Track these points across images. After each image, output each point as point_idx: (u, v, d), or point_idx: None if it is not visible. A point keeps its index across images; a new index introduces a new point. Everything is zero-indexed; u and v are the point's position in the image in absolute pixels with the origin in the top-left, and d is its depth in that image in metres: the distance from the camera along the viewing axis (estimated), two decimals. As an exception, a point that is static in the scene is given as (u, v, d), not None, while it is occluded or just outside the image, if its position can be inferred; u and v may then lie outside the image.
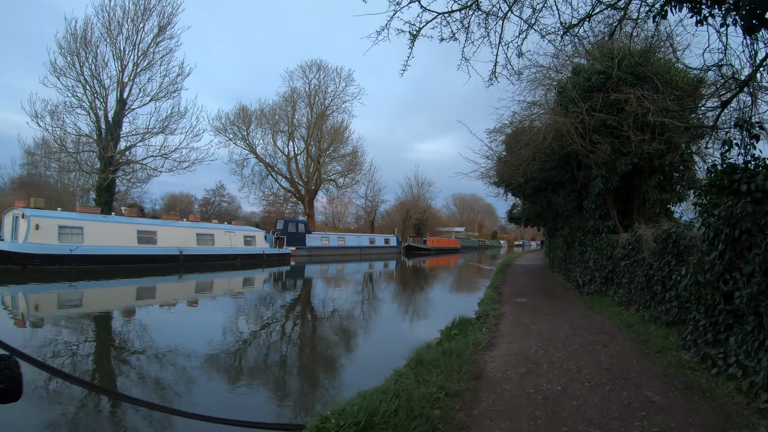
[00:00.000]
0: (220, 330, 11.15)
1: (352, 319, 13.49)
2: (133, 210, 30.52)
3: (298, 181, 59.53)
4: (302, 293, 20.28)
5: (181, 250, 28.17)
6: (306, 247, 43.18)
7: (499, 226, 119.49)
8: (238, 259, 31.81)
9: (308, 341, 11.28)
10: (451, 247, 73.92)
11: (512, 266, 29.04)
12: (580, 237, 14.08)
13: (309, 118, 59.25)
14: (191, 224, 30.54)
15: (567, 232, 16.48)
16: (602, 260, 11.80)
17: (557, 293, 14.44)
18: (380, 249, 53.97)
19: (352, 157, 61.45)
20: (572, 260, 15.89)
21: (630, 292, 9.99)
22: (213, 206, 65.15)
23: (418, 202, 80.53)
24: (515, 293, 14.47)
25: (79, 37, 30.74)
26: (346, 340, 10.97)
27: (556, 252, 21.69)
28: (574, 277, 15.07)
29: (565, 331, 8.37)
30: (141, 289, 20.04)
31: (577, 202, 14.62)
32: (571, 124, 12.09)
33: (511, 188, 22.76)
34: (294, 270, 32.84)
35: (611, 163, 12.03)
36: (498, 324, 9.12)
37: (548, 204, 20.83)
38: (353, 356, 9.69)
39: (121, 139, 32.87)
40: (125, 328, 11.74)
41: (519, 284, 17.38)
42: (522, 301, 12.55)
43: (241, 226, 34.71)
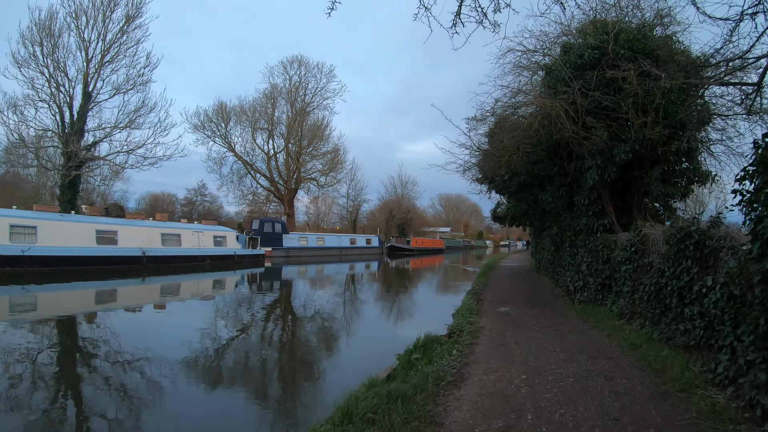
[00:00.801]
0: (182, 337, 10.03)
1: (313, 329, 11.69)
2: (95, 209, 28.50)
3: (278, 180, 57.54)
4: (270, 297, 18.38)
5: (144, 251, 26.30)
6: (283, 248, 41.21)
7: (485, 227, 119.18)
8: (207, 261, 29.82)
9: (272, 351, 9.84)
10: (435, 248, 72.37)
11: (496, 268, 27.40)
12: (570, 237, 12.41)
13: (289, 115, 57.32)
14: (156, 224, 28.51)
15: (555, 231, 14.84)
16: (597, 264, 10.11)
17: (545, 301, 12.76)
18: (361, 249, 52.12)
19: (334, 155, 59.66)
20: (561, 263, 14.23)
21: (633, 303, 8.31)
22: (195, 206, 62.82)
23: (402, 201, 78.96)
24: (497, 300, 12.77)
25: (43, 26, 28.68)
26: (304, 353, 9.17)
27: (543, 253, 20.06)
28: (563, 281, 13.40)
29: (557, 355, 6.63)
30: (99, 293, 18.53)
31: (567, 198, 12.96)
32: (561, 107, 10.41)
33: (495, 185, 21.26)
34: (268, 272, 30.96)
35: (608, 151, 10.36)
36: (473, 344, 7.36)
37: (534, 201, 19.30)
38: (306, 372, 7.90)
39: (86, 133, 30.98)
40: (84, 335, 10.89)
41: (502, 289, 15.69)
42: (504, 311, 10.84)
43: (211, 225, 32.63)
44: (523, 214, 24.92)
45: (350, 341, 11.02)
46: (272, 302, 16.97)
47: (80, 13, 29.61)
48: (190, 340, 9.83)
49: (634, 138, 9.94)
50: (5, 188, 41.18)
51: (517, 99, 13.14)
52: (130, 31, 31.28)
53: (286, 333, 11.74)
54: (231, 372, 8.23)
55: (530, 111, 12.88)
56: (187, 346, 9.32)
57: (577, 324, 9.07)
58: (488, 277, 20.70)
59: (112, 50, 30.66)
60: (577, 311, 10.39)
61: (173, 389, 6.92)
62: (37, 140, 30.28)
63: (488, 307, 11.45)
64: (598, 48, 10.58)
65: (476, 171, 23.71)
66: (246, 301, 17.14)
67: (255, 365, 8.71)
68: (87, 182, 35.44)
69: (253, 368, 8.53)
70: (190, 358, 8.69)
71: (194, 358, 8.69)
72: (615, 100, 10.19)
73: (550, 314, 10.35)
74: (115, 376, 7.49)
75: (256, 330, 11.77)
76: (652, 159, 10.57)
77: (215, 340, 10.36)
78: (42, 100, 29.20)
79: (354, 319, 13.73)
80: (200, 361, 8.59)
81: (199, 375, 7.85)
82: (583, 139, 10.51)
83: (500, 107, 13.23)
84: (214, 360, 8.78)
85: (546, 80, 12.02)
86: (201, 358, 8.80)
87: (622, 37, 10.42)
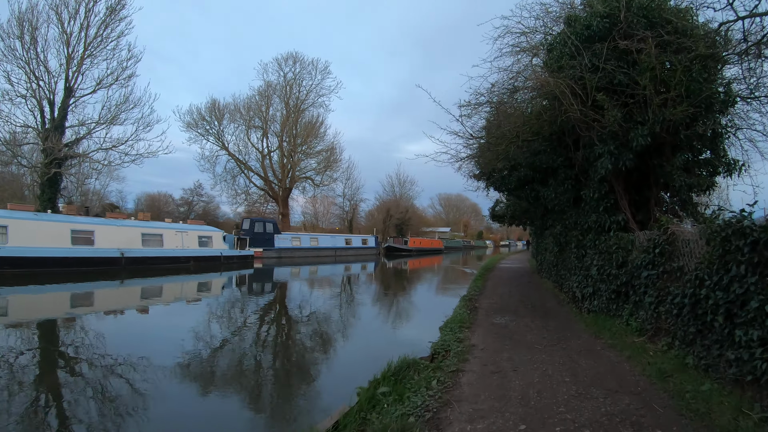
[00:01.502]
0: (161, 344, 9.37)
1: (295, 335, 10.17)
2: (72, 208, 27.02)
3: (272, 179, 56.09)
4: (253, 301, 16.88)
5: (123, 252, 24.87)
6: (275, 249, 39.71)
7: (485, 226, 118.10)
8: (191, 262, 28.36)
9: (250, 358, 8.77)
10: (433, 248, 70.82)
11: (495, 269, 25.87)
12: (577, 236, 10.86)
13: (283, 112, 55.84)
14: (135, 223, 27.01)
15: (559, 230, 13.34)
16: (610, 268, 8.58)
17: (549, 309, 11.24)
18: (357, 250, 50.59)
19: (329, 153, 58.13)
20: (566, 266, 12.70)
21: (657, 317, 6.79)
22: (192, 206, 61.39)
23: (400, 201, 77.47)
24: (494, 309, 11.25)
25: (23, 19, 27.35)
26: (284, 361, 7.68)
27: (545, 254, 18.54)
28: (569, 287, 11.86)
29: (566, 388, 5.12)
30: (73, 296, 17.20)
31: (573, 193, 11.45)
32: (566, 84, 8.91)
33: (493, 181, 19.79)
34: (256, 273, 29.46)
35: (622, 135, 8.84)
36: (459, 371, 5.83)
37: (536, 198, 17.86)
38: (285, 382, 6.42)
39: (66, 130, 29.72)
40: (59, 340, 9.98)
41: (500, 294, 14.16)
42: (501, 322, 9.32)
43: (196, 225, 31.12)
44: (523, 212, 23.41)
45: (329, 352, 9.51)
46: (254, 306, 15.44)
47: (62, 6, 28.40)
48: (169, 346, 8.88)
49: (653, 119, 8.44)
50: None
51: (516, 82, 11.60)
52: (112, 23, 30.05)
53: (266, 340, 10.25)
54: (206, 380, 7.02)
55: (530, 95, 11.40)
56: (166, 353, 8.35)
57: (589, 341, 7.56)
58: (485, 279, 19.18)
59: (94, 43, 29.46)
60: (587, 323, 8.87)
61: (153, 398, 6.17)
62: (13, 137, 28.81)
63: (483, 318, 9.94)
64: (609, 16, 9.08)
65: (473, 166, 22.22)
66: (227, 305, 15.64)
67: (230, 373, 7.25)
68: (70, 180, 33.86)
69: (227, 377, 7.11)
70: (169, 365, 7.67)
71: (174, 365, 7.69)
72: (630, 75, 8.69)
73: (555, 327, 8.84)
74: (96, 383, 6.79)
75: (235, 336, 10.33)
76: (673, 144, 9.07)
77: (195, 346, 9.06)
78: (20, 95, 27.97)
79: (335, 327, 12.20)
80: (177, 368, 7.55)
81: (174, 384, 6.74)
82: (593, 122, 8.99)
83: (497, 91, 11.71)
84: (193, 366, 7.41)
85: (548, 59, 10.51)
86: (180, 365, 7.73)
87: (635, 3, 8.93)
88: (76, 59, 28.98)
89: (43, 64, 28.19)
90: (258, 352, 9.30)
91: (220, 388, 6.77)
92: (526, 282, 18.33)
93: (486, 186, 21.14)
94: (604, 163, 8.99)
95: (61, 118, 29.02)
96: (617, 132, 8.74)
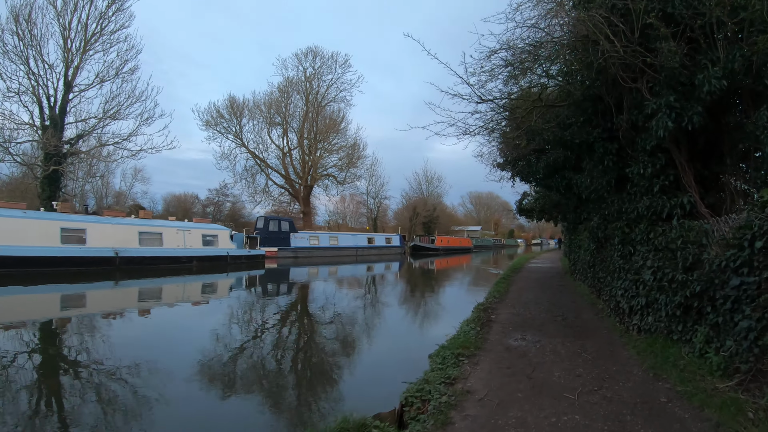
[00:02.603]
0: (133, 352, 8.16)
1: (284, 348, 8.02)
2: (67, 205, 25.67)
3: (294, 177, 54.49)
4: (247, 306, 14.88)
5: (117, 252, 23.39)
6: (291, 248, 37.85)
7: (517, 225, 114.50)
8: (193, 262, 26.69)
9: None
10: (462, 247, 67.85)
11: (523, 270, 23.09)
12: (621, 229, 8.16)
13: (304, 108, 54.13)
14: (132, 221, 25.49)
15: (596, 223, 10.71)
16: (674, 271, 5.95)
17: (584, 324, 8.64)
18: (380, 249, 48.29)
19: (352, 150, 56.11)
20: (606, 267, 10.01)
21: (762, 354, 4.23)
22: (218, 206, 60.60)
23: (428, 199, 74.93)
24: (514, 323, 8.74)
25: (20, 13, 26.36)
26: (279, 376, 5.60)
27: (578, 253, 15.79)
28: (611, 294, 9.15)
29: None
30: (53, 298, 16.01)
31: (614, 172, 8.81)
32: (603, 19, 6.36)
33: (519, 170, 17.26)
34: (267, 275, 27.61)
35: (686, 79, 6.24)
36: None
37: (567, 187, 15.25)
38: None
39: (66, 126, 28.69)
40: (48, 343, 9.19)
41: (525, 302, 11.57)
42: (521, 346, 6.83)
43: (201, 223, 29.50)
44: (553, 205, 20.62)
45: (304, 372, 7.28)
46: (244, 312, 13.37)
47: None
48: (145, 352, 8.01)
49: (727, 58, 5.84)
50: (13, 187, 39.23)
51: (539, 35, 9.01)
52: (111, 16, 28.80)
53: (254, 354, 8.15)
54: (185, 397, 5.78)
55: (556, 49, 8.85)
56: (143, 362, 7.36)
57: (645, 384, 5.00)
58: (510, 282, 16.56)
59: (94, 36, 28.26)
60: (639, 349, 6.27)
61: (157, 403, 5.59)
62: (10, 133, 27.91)
63: (497, 337, 7.46)
64: None
65: (495, 152, 19.78)
66: (222, 310, 13.70)
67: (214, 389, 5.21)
68: (71, 179, 32.98)
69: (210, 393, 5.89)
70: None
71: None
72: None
73: (593, 353, 6.29)
74: (93, 387, 6.31)
75: (220, 346, 8.43)
76: (755, 93, 6.39)
77: (175, 356, 8.04)
78: (16, 92, 26.98)
79: (316, 342, 9.94)
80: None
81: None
82: (643, 66, 6.42)
83: (515, 44, 9.18)
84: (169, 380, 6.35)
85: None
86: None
87: None
88: (75, 53, 27.90)
89: (40, 59, 27.22)
90: (236, 365, 7.12)
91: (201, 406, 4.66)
92: (557, 285, 15.62)
93: (511, 176, 18.56)
94: (662, 121, 6.35)
95: (60, 114, 28.05)
96: (677, 76, 6.13)
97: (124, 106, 29.10)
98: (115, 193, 56.53)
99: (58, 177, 28.56)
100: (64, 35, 27.55)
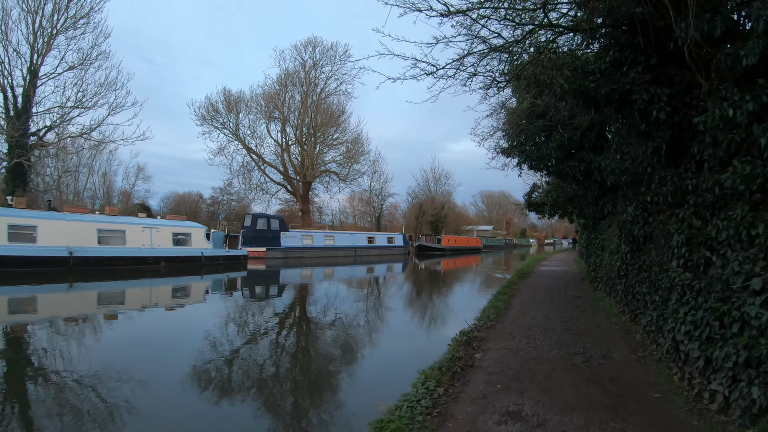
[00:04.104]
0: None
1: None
2: (23, 200, 23.02)
3: (293, 175, 51.59)
4: (203, 317, 12.02)
5: (72, 251, 20.79)
6: (281, 248, 34.91)
7: (529, 224, 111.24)
8: (161, 263, 23.86)
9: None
10: (470, 247, 64.46)
11: (533, 274, 19.75)
12: (687, 221, 4.88)
13: (302, 101, 51.12)
14: (90, 218, 22.78)
15: (632, 215, 7.52)
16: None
17: (618, 376, 5.35)
18: (381, 250, 45.17)
19: (353, 144, 53.05)
20: (650, 281, 6.71)
21: None
22: (221, 205, 58.10)
23: (435, 197, 71.74)
24: (506, 370, 5.58)
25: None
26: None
27: (600, 256, 12.48)
28: (661, 328, 5.88)
29: None
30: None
31: (666, 132, 5.62)
32: None
33: (527, 155, 14.31)
34: (251, 277, 24.83)
35: None
36: None
37: (587, 173, 12.19)
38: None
39: (33, 116, 26.27)
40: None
41: (527, 327, 8.34)
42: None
43: (172, 220, 26.64)
44: (568, 198, 17.31)
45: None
46: (197, 326, 10.45)
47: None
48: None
49: None
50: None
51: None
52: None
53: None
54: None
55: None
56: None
57: None
58: (514, 292, 13.33)
59: (61, 20, 25.77)
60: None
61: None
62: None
63: (469, 410, 4.33)
64: None
65: (500, 137, 16.84)
66: (170, 320, 10.82)
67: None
68: (37, 172, 30.57)
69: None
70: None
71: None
72: None
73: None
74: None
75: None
76: None
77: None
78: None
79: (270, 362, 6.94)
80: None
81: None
82: None
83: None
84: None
85: None
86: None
87: None
88: (41, 38, 25.54)
89: (4, 43, 24.86)
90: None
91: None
92: (572, 297, 12.32)
93: (518, 163, 15.42)
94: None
95: (24, 103, 25.66)
96: None
97: (91, 93, 26.57)
98: (120, 192, 54.94)
99: (24, 171, 26.09)
100: (30, 19, 25.17)
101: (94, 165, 51.89)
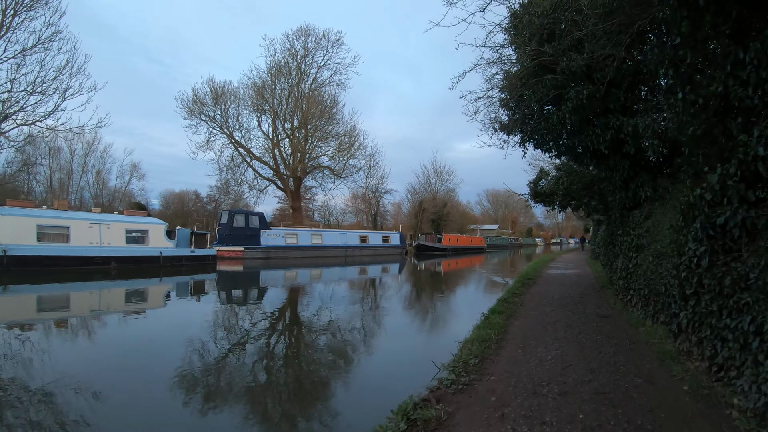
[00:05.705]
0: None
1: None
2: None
3: (284, 171, 48.47)
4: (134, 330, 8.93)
5: (6, 249, 18.05)
6: (261, 248, 31.80)
7: (536, 223, 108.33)
8: (112, 264, 20.78)
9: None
10: (473, 247, 61.08)
11: (539, 280, 16.35)
12: None
13: (294, 93, 48.01)
14: (30, 212, 19.73)
15: (716, 189, 4.27)
16: None
17: None
18: (376, 249, 41.99)
19: (349, 138, 49.92)
20: (759, 310, 3.45)
21: None
22: (218, 204, 55.46)
23: (437, 194, 68.57)
24: None
25: None
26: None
27: (635, 258, 9.05)
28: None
29: None
30: None
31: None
32: None
33: (532, 129, 11.10)
34: (221, 280, 21.74)
35: None
36: None
37: (614, 145, 8.94)
38: None
39: None
40: None
41: (532, 389, 5.09)
42: None
43: (126, 216, 23.52)
44: (584, 185, 13.96)
45: None
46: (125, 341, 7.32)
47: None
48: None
49: None
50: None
51: None
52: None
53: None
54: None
55: None
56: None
57: None
58: (514, 310, 9.97)
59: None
60: None
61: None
62: None
63: None
64: None
65: (497, 106, 13.62)
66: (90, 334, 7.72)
67: None
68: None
69: None
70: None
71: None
72: None
73: None
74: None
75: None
76: None
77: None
78: None
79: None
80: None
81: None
82: None
83: None
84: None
85: None
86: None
87: None
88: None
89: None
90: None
91: None
92: (595, 315, 8.94)
93: (521, 141, 12.02)
94: None
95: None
96: None
97: (41, 78, 23.47)
98: (114, 191, 52.97)
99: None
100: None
101: (87, 163, 50.00)
